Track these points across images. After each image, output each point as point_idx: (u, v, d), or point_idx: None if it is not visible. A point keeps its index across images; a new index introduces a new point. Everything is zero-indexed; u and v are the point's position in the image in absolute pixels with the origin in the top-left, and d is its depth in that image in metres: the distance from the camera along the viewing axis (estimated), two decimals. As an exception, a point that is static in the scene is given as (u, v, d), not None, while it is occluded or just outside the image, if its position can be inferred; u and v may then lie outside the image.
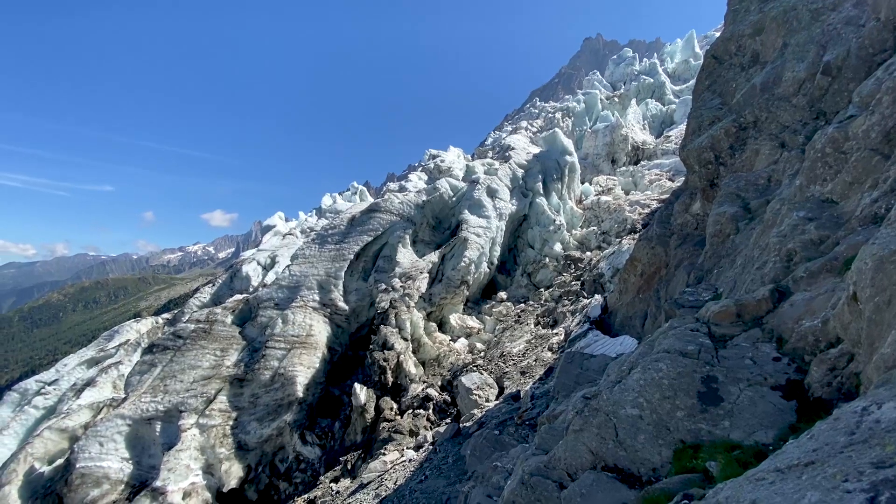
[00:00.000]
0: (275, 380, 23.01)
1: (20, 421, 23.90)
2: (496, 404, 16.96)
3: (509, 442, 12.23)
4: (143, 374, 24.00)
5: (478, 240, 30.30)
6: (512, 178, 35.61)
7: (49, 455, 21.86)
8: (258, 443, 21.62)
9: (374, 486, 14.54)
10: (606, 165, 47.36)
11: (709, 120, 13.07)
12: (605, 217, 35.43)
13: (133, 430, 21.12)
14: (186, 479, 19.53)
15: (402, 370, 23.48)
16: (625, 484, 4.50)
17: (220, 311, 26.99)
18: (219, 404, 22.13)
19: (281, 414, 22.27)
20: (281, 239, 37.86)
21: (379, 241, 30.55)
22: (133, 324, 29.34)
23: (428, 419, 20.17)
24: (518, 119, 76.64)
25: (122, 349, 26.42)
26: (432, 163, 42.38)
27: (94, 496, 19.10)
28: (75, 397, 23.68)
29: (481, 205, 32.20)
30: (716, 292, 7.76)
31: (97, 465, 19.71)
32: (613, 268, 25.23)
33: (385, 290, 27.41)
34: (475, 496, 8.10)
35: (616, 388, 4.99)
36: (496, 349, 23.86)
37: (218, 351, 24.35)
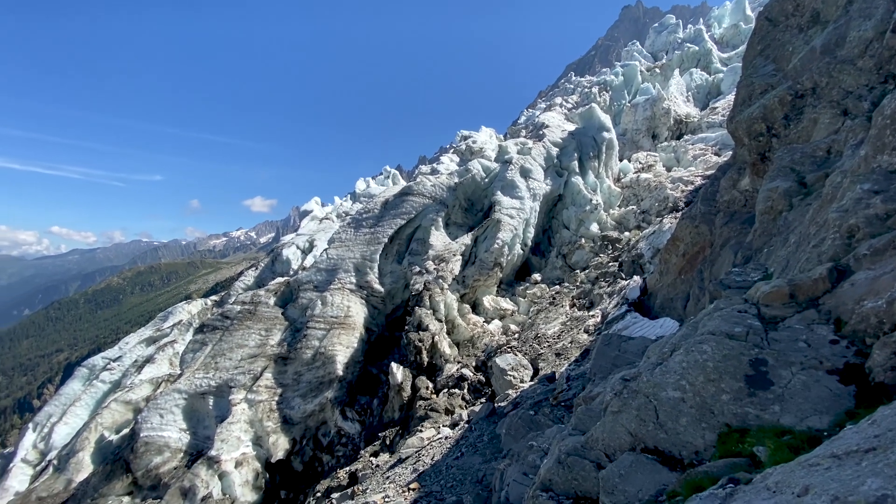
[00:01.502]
0: (316, 358, 23.97)
1: (90, 394, 26.20)
2: (531, 385, 17.00)
3: (544, 422, 12.27)
4: (195, 351, 25.59)
5: (511, 221, 29.97)
6: (546, 157, 34.76)
7: (116, 425, 23.91)
8: (302, 417, 22.73)
9: (412, 461, 15.02)
10: (646, 141, 45.32)
11: (761, 88, 12.19)
12: (644, 195, 34.11)
13: (189, 404, 22.69)
14: (238, 450, 20.89)
15: (437, 350, 23.86)
16: (665, 466, 4.44)
17: (264, 293, 28.21)
18: (265, 381, 23.35)
19: (322, 391, 23.25)
20: (318, 223, 38.87)
21: (412, 225, 30.79)
22: (185, 305, 31.22)
23: (463, 398, 20.51)
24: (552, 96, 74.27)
25: (176, 329, 28.22)
26: (464, 144, 41.97)
27: (157, 462, 20.79)
28: (137, 373, 25.65)
29: (514, 185, 31.71)
30: (766, 272, 7.35)
31: (159, 434, 21.40)
32: (653, 248, 24.37)
33: (419, 272, 27.72)
34: (511, 474, 8.22)
35: (657, 371, 4.87)
36: (530, 331, 23.77)
37: (263, 331, 25.56)
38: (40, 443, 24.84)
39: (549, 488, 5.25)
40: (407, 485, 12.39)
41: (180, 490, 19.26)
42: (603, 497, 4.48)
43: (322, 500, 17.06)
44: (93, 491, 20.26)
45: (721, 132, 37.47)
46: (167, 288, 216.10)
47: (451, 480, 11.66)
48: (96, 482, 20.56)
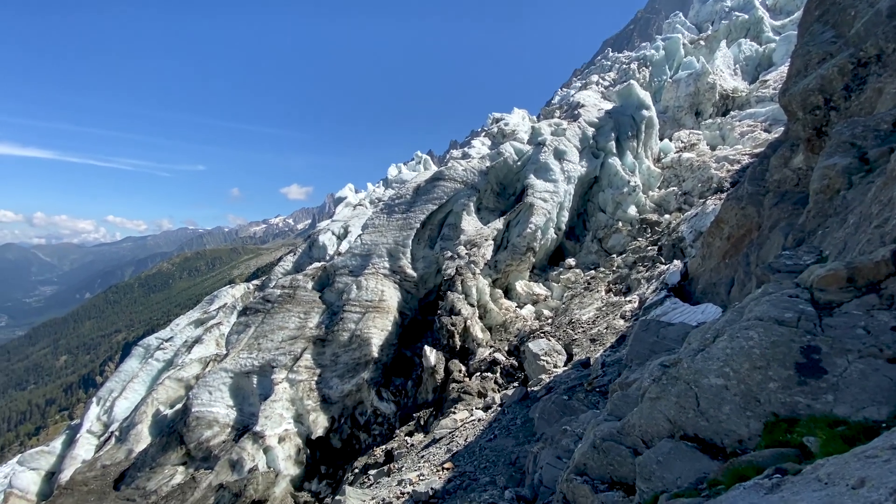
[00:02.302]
0: (352, 341, 24.68)
1: (146, 371, 28.15)
2: (565, 370, 16.86)
3: (578, 407, 12.18)
4: (239, 333, 26.90)
5: (544, 205, 29.43)
6: (581, 137, 33.71)
7: (170, 400, 25.63)
8: (340, 397, 23.58)
9: (446, 442, 15.32)
10: (689, 119, 43.07)
11: (818, 57, 11.26)
12: (686, 176, 32.60)
13: (234, 382, 23.98)
14: (280, 426, 21.98)
15: (470, 335, 24.02)
16: (706, 454, 4.32)
17: (302, 277, 29.16)
18: (304, 361, 24.31)
19: (359, 372, 23.98)
20: (352, 210, 39.57)
21: (443, 210, 30.79)
22: (229, 289, 32.76)
23: (495, 382, 20.63)
24: (588, 73, 71.55)
25: (221, 311, 29.72)
26: (495, 127, 41.31)
27: (207, 436, 22.20)
28: (187, 352, 27.28)
29: (548, 168, 31.02)
30: (820, 255, 6.90)
31: (208, 410, 22.79)
32: (695, 231, 23.36)
33: (451, 257, 27.80)
34: (545, 457, 8.24)
35: (698, 357, 4.71)
36: (564, 316, 23.48)
37: (301, 314, 26.50)
38: (103, 415, 27.01)
39: (584, 472, 5.23)
40: (441, 464, 12.68)
41: (229, 462, 20.53)
42: (639, 483, 4.42)
43: (360, 476, 17.75)
44: (151, 460, 21.92)
45: (772, 107, 35.08)
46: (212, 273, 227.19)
47: (484, 461, 11.84)
48: (154, 452, 22.22)
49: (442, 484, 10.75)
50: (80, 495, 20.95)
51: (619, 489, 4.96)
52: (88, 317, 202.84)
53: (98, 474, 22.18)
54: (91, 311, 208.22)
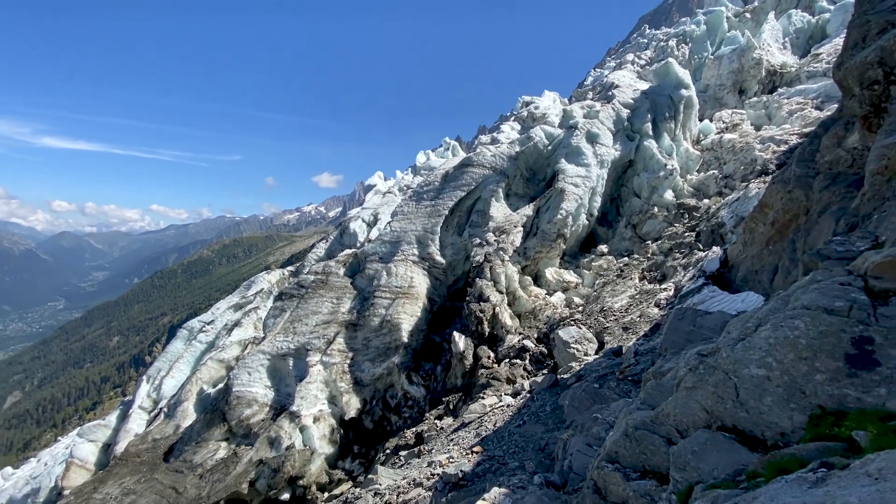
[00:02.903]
0: (382, 326, 25.17)
1: (190, 352, 29.72)
2: (595, 358, 16.65)
3: (609, 395, 12.04)
4: (275, 317, 27.92)
5: (575, 190, 28.78)
6: (615, 120, 32.58)
7: (213, 380, 27.02)
8: (371, 380, 24.19)
9: (475, 426, 15.51)
10: (732, 98, 40.81)
11: (878, 27, 10.36)
12: (727, 158, 31.05)
13: (272, 364, 25.00)
14: (315, 407, 22.82)
15: (498, 321, 24.02)
16: (744, 446, 4.20)
17: (334, 264, 29.85)
18: (337, 345, 25.02)
19: (389, 356, 24.49)
20: (381, 197, 39.95)
21: (472, 196, 30.62)
22: (265, 275, 33.96)
23: (524, 369, 20.62)
24: (623, 52, 68.70)
25: (259, 296, 30.89)
26: (525, 110, 40.49)
27: (247, 414, 23.34)
28: (227, 335, 28.60)
29: (580, 152, 30.23)
30: (875, 240, 6.46)
31: (248, 389, 23.91)
32: (736, 216, 22.32)
33: (479, 244, 27.71)
34: (575, 444, 8.22)
35: (738, 346, 4.54)
36: (595, 304, 23.08)
37: (334, 299, 27.20)
38: (153, 393, 28.80)
39: (616, 460, 5.19)
40: (470, 448, 12.87)
41: (268, 439, 21.55)
42: (673, 472, 4.35)
43: (391, 456, 18.26)
44: (196, 435, 23.28)
45: (825, 82, 32.74)
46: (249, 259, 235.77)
47: (513, 446, 11.93)
48: (199, 428, 23.58)
49: (471, 467, 10.92)
50: (134, 466, 22.55)
51: (652, 478, 4.90)
52: (137, 300, 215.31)
53: (149, 447, 23.78)
54: (139, 296, 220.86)
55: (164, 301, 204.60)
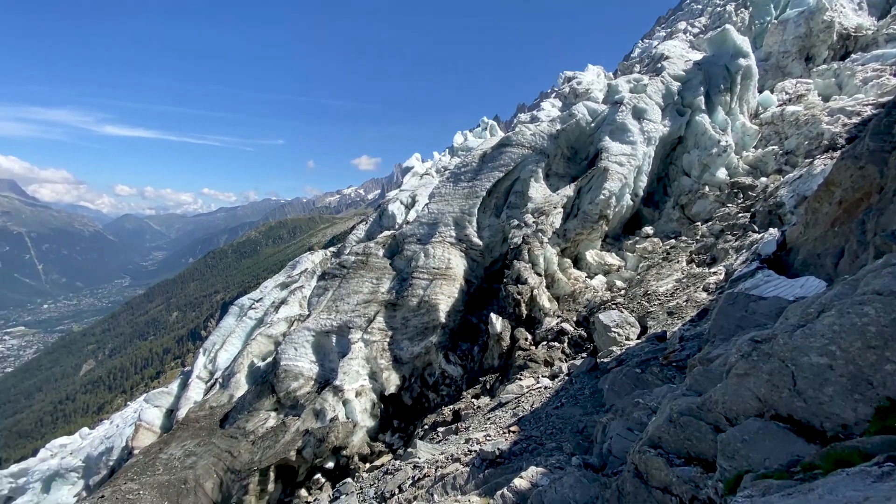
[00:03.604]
0: (421, 306, 25.58)
1: (241, 327, 31.51)
2: (638, 343, 16.22)
3: (652, 381, 11.74)
4: (319, 296, 29.00)
5: (620, 169, 27.64)
6: (665, 93, 30.79)
7: (262, 354, 28.60)
8: (410, 358, 24.79)
9: (512, 406, 15.62)
10: (797, 66, 37.46)
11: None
12: (790, 133, 28.74)
13: (316, 340, 26.10)
14: (357, 382, 23.72)
15: (536, 304, 23.80)
16: (800, 437, 3.99)
17: (374, 245, 30.46)
18: (377, 324, 25.73)
19: (427, 335, 24.94)
20: (419, 179, 40.11)
21: (510, 177, 30.11)
22: (309, 255, 35.21)
23: (563, 352, 20.42)
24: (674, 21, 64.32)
25: (303, 276, 32.13)
26: (567, 86, 39.00)
27: (294, 387, 24.61)
28: (275, 312, 30.05)
29: (625, 129, 28.89)
30: (964, 221, 5.83)
31: (294, 364, 25.15)
32: (798, 195, 20.75)
33: (517, 225, 27.35)
34: (615, 427, 8.12)
35: (798, 333, 4.28)
36: (639, 288, 22.36)
37: (374, 279, 27.86)
38: (208, 364, 30.88)
39: (658, 445, 5.09)
40: (507, 427, 12.99)
41: (313, 411, 22.69)
42: (721, 460, 4.22)
43: (429, 432, 18.78)
44: (248, 405, 24.86)
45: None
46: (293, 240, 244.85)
47: (550, 428, 11.93)
48: (250, 398, 25.15)
49: (508, 445, 11.05)
50: (194, 430, 24.45)
51: (697, 465, 4.77)
52: (192, 279, 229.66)
53: (207, 414, 25.66)
54: (194, 274, 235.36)
55: (216, 279, 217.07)
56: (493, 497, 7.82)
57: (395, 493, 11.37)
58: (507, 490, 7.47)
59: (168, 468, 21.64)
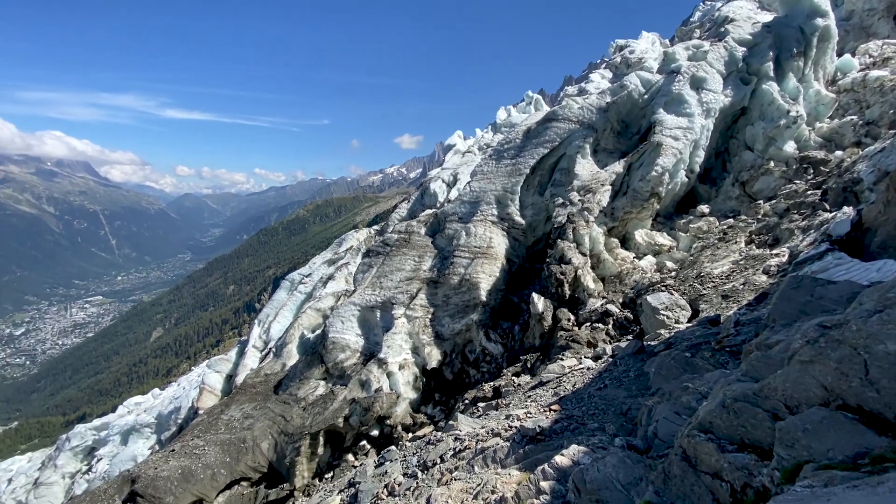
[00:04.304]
0: (462, 284, 25.78)
1: (292, 301, 33.15)
2: (688, 327, 15.59)
3: (702, 366, 11.30)
4: (364, 272, 29.88)
5: (674, 144, 26.08)
6: (728, 60, 28.44)
7: (312, 326, 30.04)
8: (451, 335, 25.21)
9: (553, 386, 15.59)
10: (884, 25, 33.32)
11: None
12: (872, 101, 25.87)
13: (361, 314, 27.06)
14: (400, 355, 24.49)
15: (580, 284, 23.33)
16: (871, 429, 3.74)
17: (416, 223, 30.81)
18: (419, 301, 26.25)
19: (468, 313, 25.18)
20: (461, 157, 39.78)
21: (555, 153, 29.21)
22: (354, 233, 36.19)
23: (607, 333, 20.01)
24: (741, -21, 58.55)
25: (349, 253, 33.15)
26: (618, 56, 36.88)
27: (341, 358, 25.78)
28: (323, 287, 31.33)
29: (681, 100, 27.09)
30: None
31: (341, 336, 26.28)
32: (879, 170, 18.78)
33: (562, 204, 26.66)
34: (661, 411, 7.93)
35: (874, 319, 3.95)
36: (691, 269, 21.33)
37: (416, 257, 28.30)
38: (263, 335, 32.87)
39: (709, 430, 4.94)
40: (548, 405, 13.02)
41: (359, 381, 23.74)
42: (779, 449, 4.04)
43: (469, 406, 19.17)
44: (299, 374, 26.36)
45: None
46: (339, 219, 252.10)
47: (592, 408, 11.83)
48: (301, 367, 26.64)
49: (549, 423, 11.09)
50: (251, 395, 26.32)
51: (751, 452, 4.60)
52: (247, 254, 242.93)
53: (262, 380, 27.49)
54: (248, 250, 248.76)
55: (268, 255, 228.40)
56: (533, 472, 7.93)
57: (436, 462, 11.77)
58: (548, 466, 7.55)
59: (229, 428, 23.52)
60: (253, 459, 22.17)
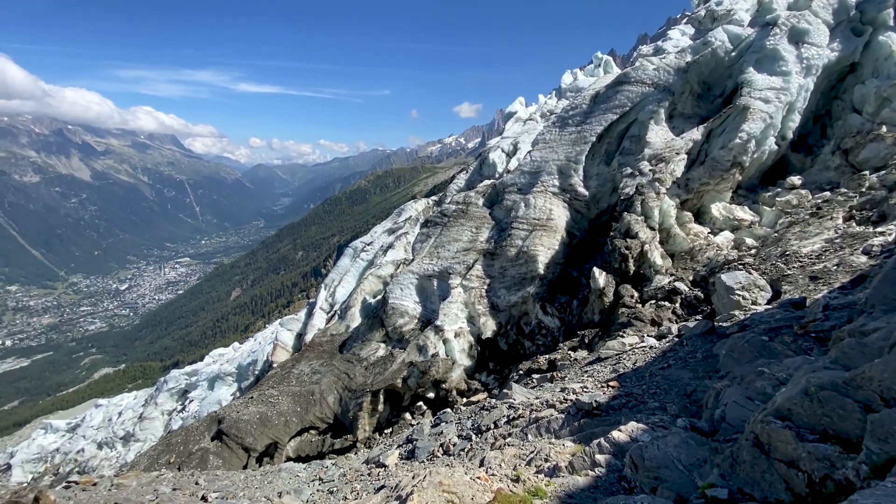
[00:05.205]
0: (519, 256, 25.52)
1: (355, 267, 34.73)
2: (767, 309, 14.40)
3: (782, 351, 10.45)
4: (422, 242, 30.47)
5: (764, 107, 23.40)
6: (836, 8, 24.65)
7: (373, 291, 31.42)
8: (506, 306, 25.26)
9: (612, 362, 15.24)
10: None
11: None
12: None
13: (419, 283, 27.82)
14: (456, 324, 25.03)
15: (646, 260, 22.19)
16: None
17: (473, 194, 30.65)
18: (476, 272, 26.43)
19: (525, 286, 25.00)
20: (522, 125, 38.53)
21: (625, 120, 27.36)
22: (412, 203, 36.79)
23: (673, 312, 19.03)
24: None
25: (407, 223, 33.86)
26: (702, 8, 33.17)
27: (400, 323, 26.86)
28: (383, 255, 32.46)
29: (776, 57, 24.05)
30: None
31: (400, 303, 27.28)
32: None
33: (630, 174, 25.14)
34: (731, 395, 7.51)
35: None
36: (775, 247, 19.46)
37: (473, 228, 28.31)
38: (329, 298, 34.93)
39: (787, 418, 4.62)
40: (606, 381, 12.79)
41: (417, 346, 24.69)
42: (869, 442, 3.70)
43: (524, 377, 19.33)
44: (362, 336, 27.89)
45: None
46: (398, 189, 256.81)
47: (654, 388, 11.46)
48: (363, 330, 28.14)
49: (606, 399, 10.92)
50: (318, 352, 28.34)
51: (835, 443, 4.26)
52: (313, 223, 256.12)
53: (328, 339, 29.44)
54: (314, 219, 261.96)
55: (332, 224, 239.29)
56: (588, 445, 7.92)
57: (490, 427, 12.10)
58: (605, 440, 7.49)
59: (299, 381, 25.64)
60: (320, 411, 24.12)
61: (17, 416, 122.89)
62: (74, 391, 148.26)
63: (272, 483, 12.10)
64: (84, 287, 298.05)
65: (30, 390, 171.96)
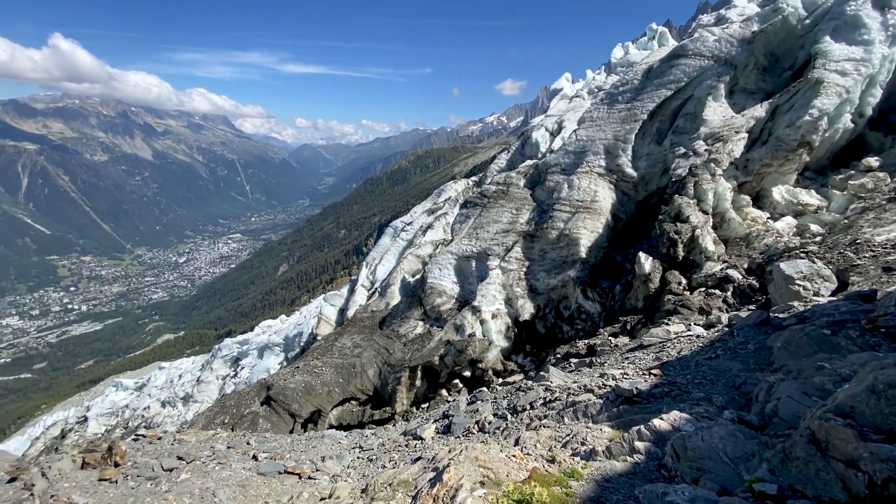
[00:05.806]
0: (560, 239, 24.99)
1: (395, 247, 35.30)
2: (831, 301, 13.39)
3: (846, 346, 9.74)
4: (461, 223, 30.45)
5: (840, 80, 21.26)
6: (938, -35, 21.71)
7: (412, 271, 31.91)
8: (546, 290, 24.94)
9: (655, 350, 14.78)
10: None
11: None
12: None
13: (458, 263, 27.94)
14: (493, 305, 25.05)
15: (697, 246, 21.10)
16: None
17: (515, 175, 30.10)
18: (515, 253, 26.18)
19: (565, 269, 24.53)
20: (568, 103, 37.15)
21: (681, 96, 25.74)
22: (452, 184, 36.67)
23: (724, 301, 18.12)
24: None
25: (447, 203, 33.85)
26: (776, -28, 30.16)
27: (438, 302, 27.21)
28: (422, 235, 32.74)
29: (857, 24, 21.66)
30: None
31: (438, 282, 27.58)
32: None
33: (683, 154, 23.76)
34: (786, 389, 7.12)
35: None
36: (844, 235, 17.93)
37: (513, 209, 27.92)
38: (370, 276, 35.83)
39: (849, 415, 4.33)
40: (648, 369, 12.44)
41: (454, 325, 24.98)
42: (945, 446, 3.41)
43: (561, 361, 19.16)
44: (401, 313, 28.52)
45: None
46: (438, 170, 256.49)
47: (699, 378, 11.03)
48: (402, 307, 28.76)
49: (647, 387, 10.65)
50: (360, 327, 29.32)
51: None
52: (355, 202, 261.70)
53: (369, 315, 30.35)
54: (356, 198, 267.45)
55: (374, 203, 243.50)
56: (627, 431, 7.79)
57: (526, 408, 12.14)
58: (645, 427, 7.34)
59: (341, 354, 26.71)
60: (361, 383, 25.10)
61: (92, 373, 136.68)
62: (141, 354, 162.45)
63: (316, 448, 12.82)
64: (147, 259, 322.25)
65: (103, 351, 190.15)
